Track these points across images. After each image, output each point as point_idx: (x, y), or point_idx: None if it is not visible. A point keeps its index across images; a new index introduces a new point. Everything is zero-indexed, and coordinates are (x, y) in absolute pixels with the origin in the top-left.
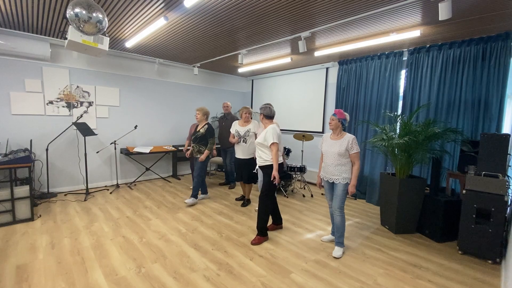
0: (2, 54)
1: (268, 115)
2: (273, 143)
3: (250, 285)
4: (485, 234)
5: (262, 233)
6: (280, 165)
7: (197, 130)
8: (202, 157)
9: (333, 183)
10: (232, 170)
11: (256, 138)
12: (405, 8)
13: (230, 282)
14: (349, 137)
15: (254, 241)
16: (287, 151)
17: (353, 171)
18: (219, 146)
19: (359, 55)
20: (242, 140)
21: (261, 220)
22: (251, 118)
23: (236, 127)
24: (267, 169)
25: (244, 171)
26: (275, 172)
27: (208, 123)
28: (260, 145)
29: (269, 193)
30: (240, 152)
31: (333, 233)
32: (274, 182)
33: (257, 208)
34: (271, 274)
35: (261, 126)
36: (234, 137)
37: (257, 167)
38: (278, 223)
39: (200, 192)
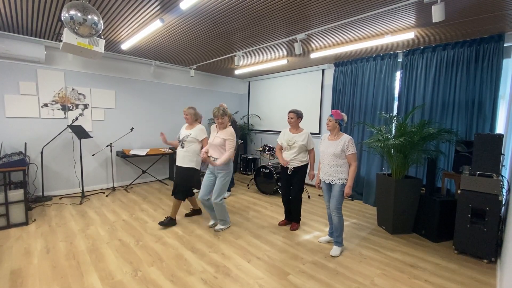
0: None
1: (302, 117)
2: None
3: (247, 287)
4: (480, 233)
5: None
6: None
7: None
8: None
9: (330, 183)
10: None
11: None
12: (399, 10)
13: (228, 285)
14: (345, 138)
15: (293, 227)
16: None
17: (349, 172)
18: None
19: (354, 57)
20: (180, 144)
21: (299, 212)
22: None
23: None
24: (303, 169)
25: (177, 181)
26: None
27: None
28: (301, 147)
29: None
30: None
31: (330, 234)
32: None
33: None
34: (268, 276)
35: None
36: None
37: (291, 168)
38: (291, 220)
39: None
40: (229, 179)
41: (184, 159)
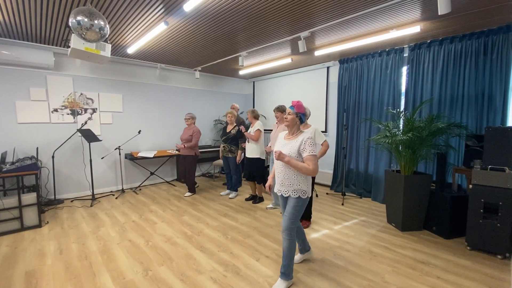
0: (7, 64)
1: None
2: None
3: (257, 286)
4: (493, 228)
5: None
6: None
7: (228, 131)
8: (238, 158)
9: (282, 195)
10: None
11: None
12: (404, 4)
13: (237, 283)
14: (304, 136)
15: (303, 226)
16: None
17: (303, 164)
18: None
19: (359, 53)
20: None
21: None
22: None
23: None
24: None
25: (247, 169)
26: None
27: (237, 125)
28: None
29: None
30: (247, 151)
31: (301, 251)
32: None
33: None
34: (278, 274)
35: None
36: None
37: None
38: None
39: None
40: None
41: (251, 151)
